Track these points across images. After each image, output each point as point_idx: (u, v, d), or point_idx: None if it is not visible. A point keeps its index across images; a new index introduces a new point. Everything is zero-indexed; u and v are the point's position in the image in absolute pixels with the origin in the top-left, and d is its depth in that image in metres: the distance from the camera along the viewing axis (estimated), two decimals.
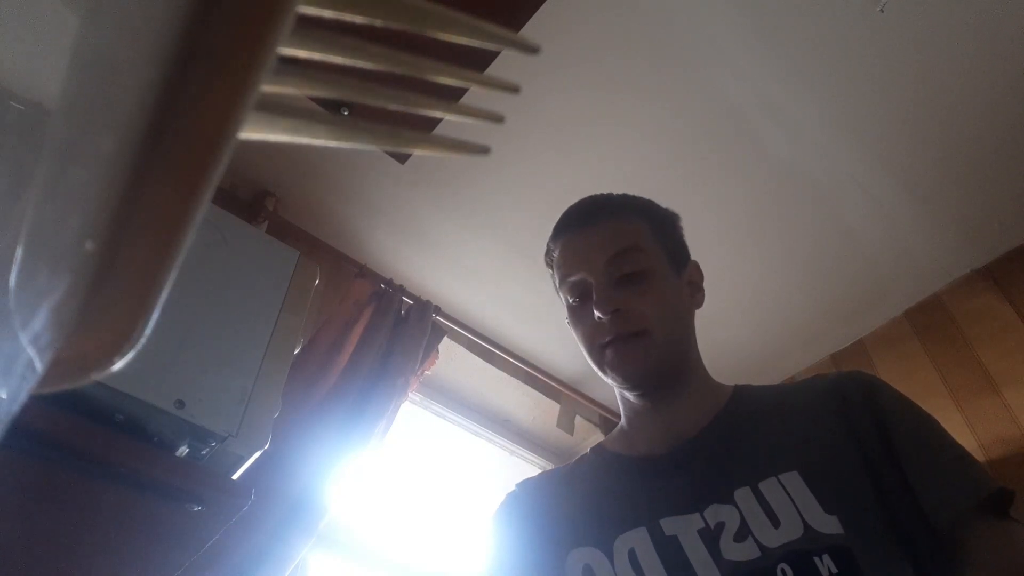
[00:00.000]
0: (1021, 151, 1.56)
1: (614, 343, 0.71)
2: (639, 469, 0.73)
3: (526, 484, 0.81)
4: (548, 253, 0.80)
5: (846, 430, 0.63)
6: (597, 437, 2.15)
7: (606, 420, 2.15)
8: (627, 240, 0.72)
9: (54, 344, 0.16)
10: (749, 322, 1.96)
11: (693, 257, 0.84)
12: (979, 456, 1.56)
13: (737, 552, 0.60)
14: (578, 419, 2.07)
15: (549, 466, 2.18)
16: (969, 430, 1.62)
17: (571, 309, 0.76)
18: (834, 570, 0.55)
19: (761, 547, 0.59)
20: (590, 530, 0.69)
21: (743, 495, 0.62)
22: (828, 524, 0.57)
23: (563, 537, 0.70)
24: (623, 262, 0.71)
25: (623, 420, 0.80)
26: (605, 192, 0.81)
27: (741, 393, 0.75)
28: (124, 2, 0.16)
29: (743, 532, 0.60)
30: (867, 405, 0.65)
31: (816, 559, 0.56)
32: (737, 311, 1.93)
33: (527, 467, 2.17)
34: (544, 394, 2.03)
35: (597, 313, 0.70)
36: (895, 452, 0.61)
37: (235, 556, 0.96)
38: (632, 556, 0.66)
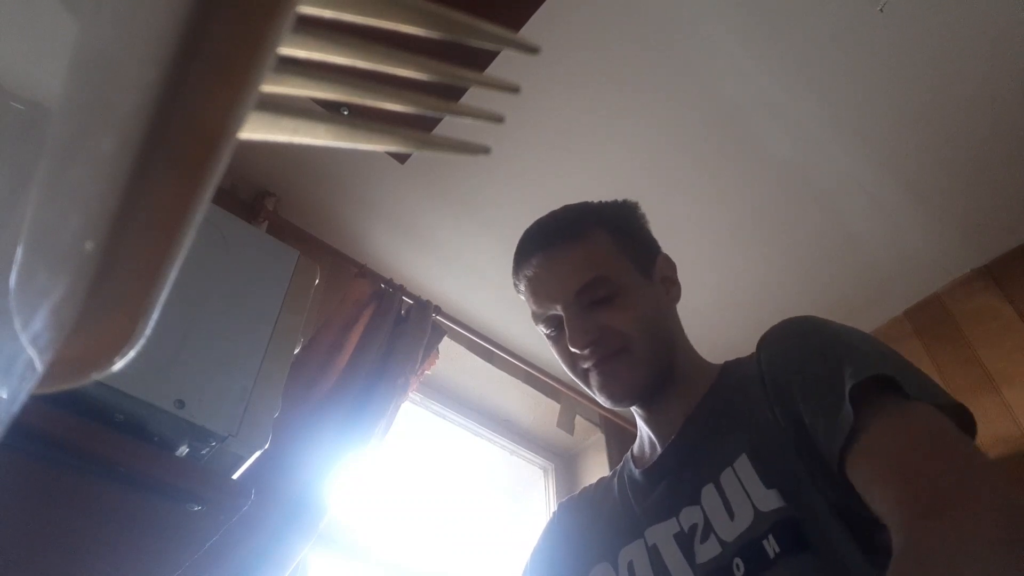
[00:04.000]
0: (1022, 151, 1.56)
1: (596, 366, 0.70)
2: (641, 478, 0.74)
3: (564, 506, 0.85)
4: (515, 285, 0.78)
5: (766, 399, 0.61)
6: (597, 437, 2.15)
7: (606, 420, 2.15)
8: (591, 269, 0.70)
9: (54, 344, 0.16)
10: (749, 322, 1.95)
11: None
12: None
13: (704, 553, 0.60)
14: (578, 419, 2.06)
15: (549, 466, 2.18)
16: None
17: (549, 339, 0.76)
18: (777, 549, 0.54)
19: (721, 543, 0.59)
20: (603, 546, 0.72)
21: (707, 493, 0.62)
22: (769, 500, 0.56)
23: (586, 555, 0.74)
24: (591, 291, 0.69)
25: (637, 425, 0.80)
26: (556, 209, 0.78)
27: (724, 375, 0.73)
28: (124, 2, 0.16)
29: (707, 531, 0.60)
30: (769, 366, 0.63)
31: (764, 542, 0.55)
32: (737, 311, 1.93)
33: (527, 467, 2.17)
34: (544, 394, 2.03)
35: (573, 348, 0.70)
36: (798, 408, 0.57)
37: (235, 556, 0.96)
38: (631, 568, 0.68)
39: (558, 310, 0.71)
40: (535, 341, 1.99)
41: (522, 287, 0.76)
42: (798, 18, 1.33)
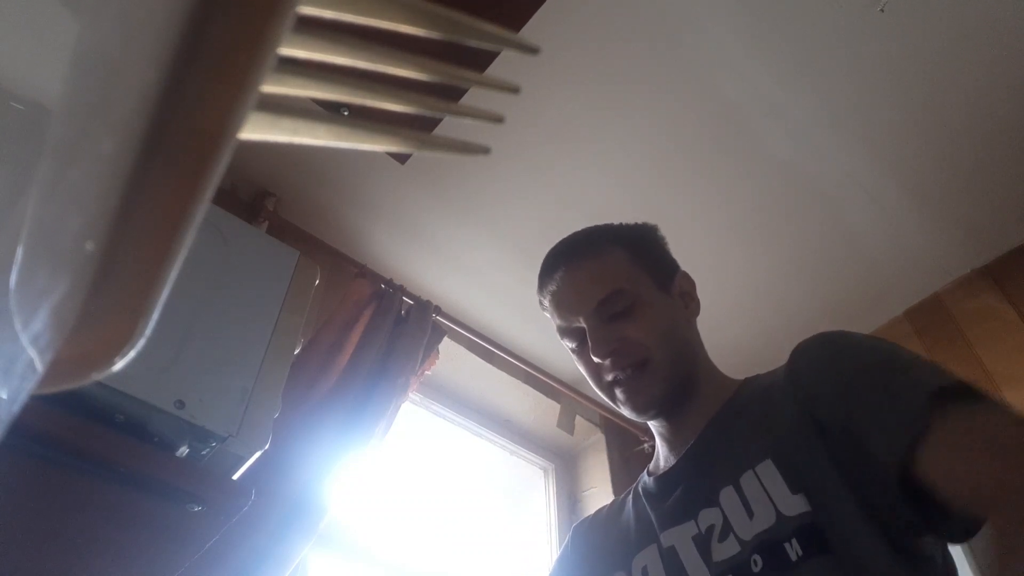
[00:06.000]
0: (1022, 151, 1.56)
1: (620, 381, 0.73)
2: (656, 486, 0.75)
3: (578, 529, 0.87)
4: (540, 303, 0.82)
5: (802, 405, 0.62)
6: (597, 437, 2.15)
7: (606, 420, 2.15)
8: (610, 283, 0.73)
9: (54, 344, 0.16)
10: (750, 322, 1.96)
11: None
12: None
13: (722, 552, 0.60)
14: (578, 419, 2.06)
15: (549, 466, 2.18)
16: None
17: (573, 353, 0.79)
18: (800, 552, 0.54)
19: (740, 541, 0.59)
20: (617, 557, 0.74)
21: (727, 494, 0.63)
22: (795, 505, 0.57)
23: (603, 567, 0.76)
24: (611, 303, 0.72)
25: (656, 440, 0.81)
26: (578, 230, 0.82)
27: (744, 388, 0.75)
28: (124, 2, 0.16)
29: (726, 531, 0.61)
30: (811, 375, 0.63)
31: (786, 545, 0.55)
32: (738, 311, 1.93)
33: (527, 467, 2.17)
34: (544, 394, 2.03)
35: (595, 358, 0.72)
36: (844, 415, 0.58)
37: (235, 556, 0.96)
38: (644, 573, 0.69)
39: (580, 322, 0.74)
40: (535, 341, 1.99)
41: (547, 303, 0.79)
42: (798, 18, 1.33)
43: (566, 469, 2.19)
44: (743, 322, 1.96)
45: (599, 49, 1.38)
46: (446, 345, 1.76)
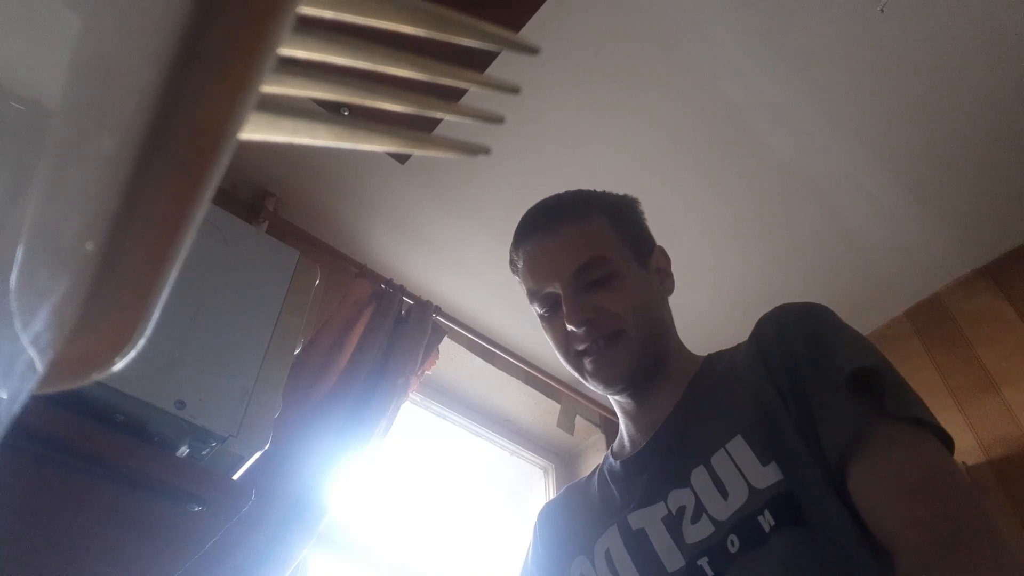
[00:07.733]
0: (1021, 151, 1.56)
1: (591, 351, 0.70)
2: (622, 469, 0.73)
3: (543, 513, 0.85)
4: (512, 263, 0.79)
5: (767, 376, 0.62)
6: (597, 437, 2.15)
7: (606, 420, 2.15)
8: (591, 249, 0.71)
9: (55, 344, 0.16)
10: (749, 322, 1.95)
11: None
12: (979, 456, 1.57)
13: (695, 533, 0.59)
14: (578, 419, 2.06)
15: (549, 466, 2.18)
16: (970, 430, 1.62)
17: (543, 319, 0.76)
18: (772, 523, 0.54)
19: (714, 522, 0.58)
20: (581, 541, 0.72)
21: (698, 474, 0.62)
22: (766, 476, 0.56)
23: (567, 551, 0.74)
24: (589, 271, 0.70)
25: (619, 420, 0.80)
26: (560, 192, 0.79)
27: (708, 365, 0.74)
28: (124, 2, 0.16)
29: (698, 512, 0.60)
30: (775, 346, 0.63)
31: (759, 518, 0.55)
32: (737, 312, 1.93)
33: (527, 467, 2.17)
34: (544, 394, 2.03)
35: (570, 326, 0.70)
36: (801, 390, 0.59)
37: (235, 556, 0.96)
38: (608, 556, 0.67)
39: (556, 288, 0.72)
40: (535, 341, 1.99)
41: (520, 264, 0.77)
42: (798, 18, 1.33)
43: (566, 469, 2.19)
44: (742, 323, 1.95)
45: (599, 49, 1.38)
46: (446, 345, 1.76)
